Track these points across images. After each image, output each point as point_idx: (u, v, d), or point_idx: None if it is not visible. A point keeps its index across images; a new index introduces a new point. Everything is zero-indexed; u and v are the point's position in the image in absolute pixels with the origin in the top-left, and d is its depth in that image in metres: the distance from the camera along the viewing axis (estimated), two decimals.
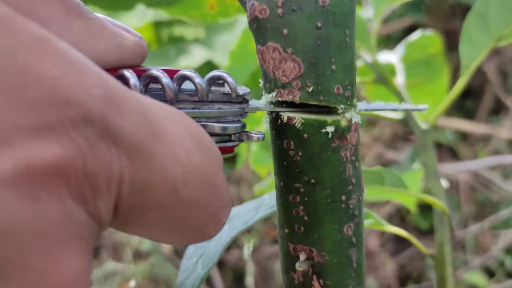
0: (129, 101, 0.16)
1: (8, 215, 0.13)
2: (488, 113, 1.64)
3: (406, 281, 1.43)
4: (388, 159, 1.48)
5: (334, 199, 0.24)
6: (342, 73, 0.23)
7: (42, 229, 0.14)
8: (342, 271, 0.26)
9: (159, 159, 0.17)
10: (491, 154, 1.49)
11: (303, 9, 0.22)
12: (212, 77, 0.22)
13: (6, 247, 0.13)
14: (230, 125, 0.22)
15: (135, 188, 0.16)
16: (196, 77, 0.21)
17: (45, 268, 0.14)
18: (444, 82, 0.65)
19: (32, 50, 0.14)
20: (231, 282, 1.37)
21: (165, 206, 0.18)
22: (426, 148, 0.46)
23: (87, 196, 0.15)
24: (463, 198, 1.46)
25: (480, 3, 0.43)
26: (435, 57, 0.64)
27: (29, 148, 0.14)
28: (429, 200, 0.43)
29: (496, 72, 1.58)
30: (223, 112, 0.22)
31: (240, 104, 0.23)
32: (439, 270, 0.44)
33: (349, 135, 0.24)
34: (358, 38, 0.45)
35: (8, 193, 0.13)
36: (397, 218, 1.47)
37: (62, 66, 0.14)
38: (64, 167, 0.14)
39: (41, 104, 0.14)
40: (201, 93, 0.21)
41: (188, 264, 0.33)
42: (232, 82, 0.22)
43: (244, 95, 0.23)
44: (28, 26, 0.14)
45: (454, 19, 1.70)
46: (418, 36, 0.63)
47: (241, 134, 0.23)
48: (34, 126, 0.14)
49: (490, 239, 1.37)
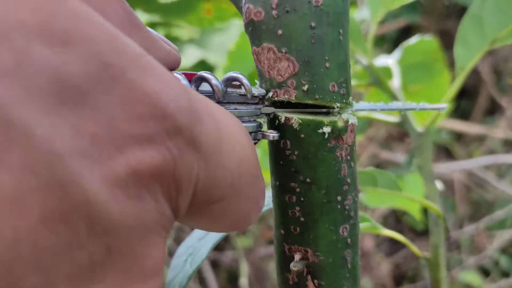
0: (203, 107, 0.18)
1: (121, 211, 0.15)
2: (483, 114, 1.64)
3: (401, 280, 1.43)
4: (383, 159, 1.48)
5: (330, 200, 0.24)
6: (336, 71, 0.24)
7: (144, 223, 0.16)
8: (337, 272, 0.26)
9: (224, 157, 0.19)
10: (486, 154, 1.49)
11: (297, 10, 0.23)
12: (228, 78, 0.23)
13: (117, 238, 0.15)
14: (247, 124, 0.23)
15: (206, 185, 0.18)
16: (213, 79, 0.22)
17: (143, 253, 0.16)
18: (444, 88, 0.65)
19: (137, 67, 0.16)
20: (225, 283, 1.37)
21: (224, 199, 0.20)
22: (421, 150, 0.46)
23: (172, 194, 0.17)
24: (458, 199, 1.47)
25: (476, 6, 0.43)
26: (435, 63, 0.63)
27: (136, 155, 0.16)
28: (424, 203, 0.43)
29: (490, 72, 1.59)
30: (240, 113, 0.23)
31: (255, 105, 0.24)
32: (433, 272, 0.44)
33: (345, 136, 0.24)
34: (354, 41, 0.45)
35: (121, 193, 0.15)
36: (393, 219, 1.48)
37: (159, 81, 0.17)
38: (161, 171, 0.16)
39: (146, 117, 0.16)
40: (218, 94, 0.22)
41: (178, 262, 0.34)
42: (247, 84, 0.23)
43: (260, 96, 0.24)
44: (128, 42, 0.16)
45: (449, 19, 1.70)
46: (416, 40, 0.63)
47: (257, 133, 0.24)
48: (140, 136, 0.16)
49: (485, 239, 1.38)
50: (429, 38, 0.63)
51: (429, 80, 0.64)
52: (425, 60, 0.63)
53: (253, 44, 0.24)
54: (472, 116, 1.63)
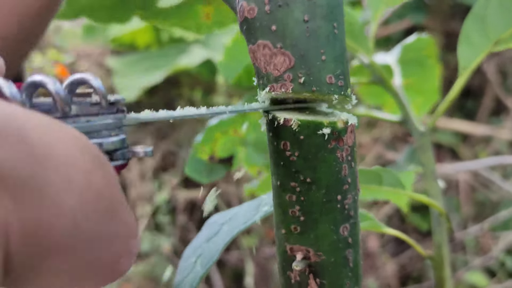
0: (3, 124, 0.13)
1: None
2: (488, 114, 1.64)
3: (407, 281, 1.43)
4: (388, 159, 1.48)
5: (330, 199, 0.24)
6: (333, 63, 0.24)
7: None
8: (338, 271, 0.26)
9: (53, 190, 0.14)
10: (491, 155, 1.49)
11: (289, 4, 0.23)
12: (73, 81, 0.18)
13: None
14: (105, 140, 0.18)
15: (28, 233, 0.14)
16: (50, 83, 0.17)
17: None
18: (435, 83, 0.67)
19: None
20: (231, 283, 1.37)
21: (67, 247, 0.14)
22: (424, 149, 0.46)
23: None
24: (463, 199, 1.46)
25: (479, 5, 0.43)
26: (429, 59, 0.65)
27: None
28: (426, 201, 0.43)
29: (496, 72, 1.58)
30: (92, 126, 0.18)
31: (115, 114, 0.19)
32: (437, 271, 0.44)
33: (345, 137, 0.24)
34: (356, 41, 0.45)
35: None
36: (397, 219, 1.47)
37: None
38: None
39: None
40: (59, 103, 0.17)
41: (187, 264, 0.33)
42: (99, 87, 0.18)
43: (118, 103, 0.19)
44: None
45: (454, 20, 1.70)
46: (414, 39, 0.64)
47: (124, 150, 0.19)
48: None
49: (490, 240, 1.37)
50: (426, 36, 0.64)
51: (421, 74, 0.65)
52: (419, 56, 0.65)
53: (249, 43, 0.24)
54: (478, 117, 1.62)
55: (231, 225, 0.35)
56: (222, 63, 0.62)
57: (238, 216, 0.35)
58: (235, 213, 0.36)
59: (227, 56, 0.62)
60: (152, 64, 1.39)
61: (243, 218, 0.35)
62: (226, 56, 0.62)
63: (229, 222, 0.35)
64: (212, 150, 0.55)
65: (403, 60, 0.62)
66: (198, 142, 0.54)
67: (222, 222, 0.35)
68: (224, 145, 0.55)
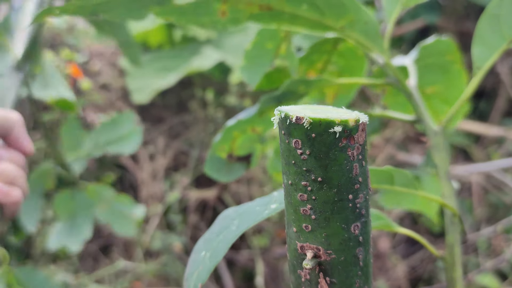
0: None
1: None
2: (501, 115, 1.63)
3: (417, 283, 1.42)
4: (400, 160, 1.47)
5: (341, 198, 0.24)
6: None
7: None
8: (349, 270, 0.26)
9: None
10: (504, 156, 1.48)
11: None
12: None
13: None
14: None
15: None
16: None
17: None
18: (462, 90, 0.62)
19: None
20: (241, 282, 1.37)
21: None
22: (438, 149, 0.46)
23: None
24: (475, 201, 1.45)
25: (493, 4, 0.43)
26: (454, 64, 0.62)
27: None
28: (440, 201, 0.42)
29: (509, 73, 1.57)
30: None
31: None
32: (449, 272, 0.44)
33: (356, 135, 0.24)
34: (371, 40, 0.45)
35: None
36: (409, 221, 1.47)
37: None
38: None
39: None
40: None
41: (197, 257, 0.34)
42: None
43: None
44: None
45: (468, 20, 1.69)
46: (433, 40, 0.62)
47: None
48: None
49: (503, 242, 1.36)
50: (446, 38, 0.62)
51: (446, 82, 0.63)
52: (442, 62, 0.62)
53: None
54: (491, 118, 1.61)
55: (242, 220, 0.35)
56: (243, 67, 0.61)
57: (249, 212, 0.36)
58: (246, 209, 0.36)
59: (247, 59, 0.61)
60: (165, 65, 1.39)
61: (253, 214, 0.35)
62: (246, 60, 0.61)
63: (240, 217, 0.35)
64: (231, 148, 0.55)
65: (424, 65, 0.61)
66: (217, 141, 0.54)
67: (233, 217, 0.35)
68: (242, 144, 0.55)
